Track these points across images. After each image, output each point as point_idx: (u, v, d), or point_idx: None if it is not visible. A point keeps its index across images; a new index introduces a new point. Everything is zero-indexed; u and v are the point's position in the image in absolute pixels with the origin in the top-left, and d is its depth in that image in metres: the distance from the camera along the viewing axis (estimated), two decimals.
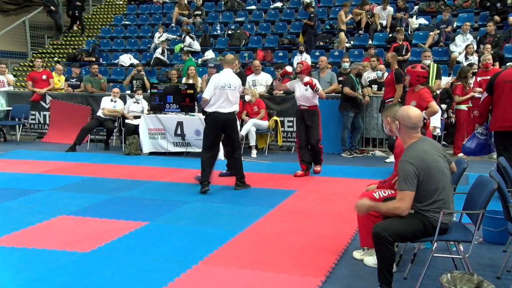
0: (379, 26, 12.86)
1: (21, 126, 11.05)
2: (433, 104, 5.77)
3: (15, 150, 9.48)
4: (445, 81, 9.98)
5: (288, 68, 7.27)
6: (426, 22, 12.82)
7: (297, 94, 7.15)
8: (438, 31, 11.91)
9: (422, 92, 5.91)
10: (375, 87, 9.38)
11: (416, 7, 13.58)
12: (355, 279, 3.66)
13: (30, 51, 15.84)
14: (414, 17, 12.94)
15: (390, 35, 12.35)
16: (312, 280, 3.63)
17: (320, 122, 7.17)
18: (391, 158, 8.89)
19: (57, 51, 15.54)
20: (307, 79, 6.90)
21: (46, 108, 11.29)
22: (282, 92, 9.66)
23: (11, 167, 7.34)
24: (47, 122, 11.31)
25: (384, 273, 3.25)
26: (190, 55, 12.28)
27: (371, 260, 3.86)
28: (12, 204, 5.42)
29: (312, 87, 6.88)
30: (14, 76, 13.76)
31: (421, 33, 12.36)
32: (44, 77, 11.42)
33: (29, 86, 11.44)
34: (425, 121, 5.76)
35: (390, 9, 12.89)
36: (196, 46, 13.46)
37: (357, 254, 4.06)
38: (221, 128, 6.49)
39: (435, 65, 9.17)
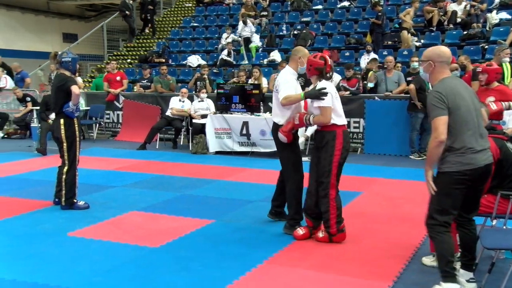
0: (458, 19, 12.19)
1: (97, 125, 11.70)
2: None
3: (92, 147, 10.04)
4: None
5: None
6: (509, 17, 11.98)
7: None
8: None
9: (502, 88, 5.64)
10: None
11: (497, 1, 12.78)
12: (425, 287, 3.53)
13: (106, 54, 16.73)
14: (494, 11, 12.19)
15: (465, 32, 11.75)
16: (378, 284, 3.55)
17: (336, 153, 4.29)
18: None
19: (130, 53, 16.27)
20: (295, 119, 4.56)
21: (119, 108, 11.87)
22: (348, 92, 9.53)
23: (88, 164, 7.78)
24: (120, 121, 11.88)
25: (444, 266, 3.19)
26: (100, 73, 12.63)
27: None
28: (89, 198, 5.75)
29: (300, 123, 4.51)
30: (92, 78, 14.58)
31: (501, 29, 11.57)
32: (118, 78, 12.01)
33: (105, 87, 12.06)
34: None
35: (465, 3, 12.23)
36: (247, 31, 13.56)
37: (426, 260, 3.91)
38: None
39: (509, 64, 8.72)
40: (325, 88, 4.24)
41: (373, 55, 11.60)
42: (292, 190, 4.73)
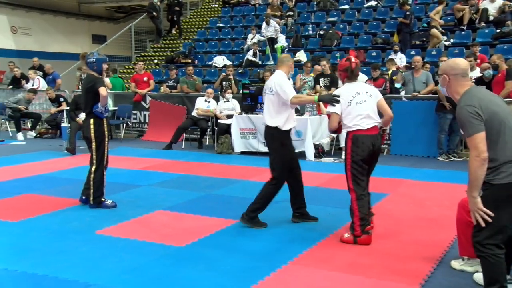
0: (491, 17, 11.90)
1: (124, 125, 11.90)
2: None
3: (119, 147, 10.21)
4: None
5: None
6: None
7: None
8: None
9: None
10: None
11: None
12: None
13: (134, 55, 17.00)
14: None
15: (498, 30, 11.45)
16: (405, 287, 3.50)
17: (347, 157, 4.46)
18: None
19: (157, 54, 16.48)
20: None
21: (146, 108, 12.04)
22: None
23: (116, 163, 7.91)
24: (147, 121, 12.05)
25: None
26: (115, 73, 13.25)
27: (479, 276, 3.46)
28: (116, 197, 5.85)
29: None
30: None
31: None
32: (145, 79, 12.19)
33: (132, 87, 12.25)
34: None
35: (499, 2, 11.93)
36: (270, 32, 13.56)
37: (455, 264, 3.83)
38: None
39: None
40: (338, 96, 4.41)
41: (400, 55, 11.44)
42: (271, 189, 4.91)
